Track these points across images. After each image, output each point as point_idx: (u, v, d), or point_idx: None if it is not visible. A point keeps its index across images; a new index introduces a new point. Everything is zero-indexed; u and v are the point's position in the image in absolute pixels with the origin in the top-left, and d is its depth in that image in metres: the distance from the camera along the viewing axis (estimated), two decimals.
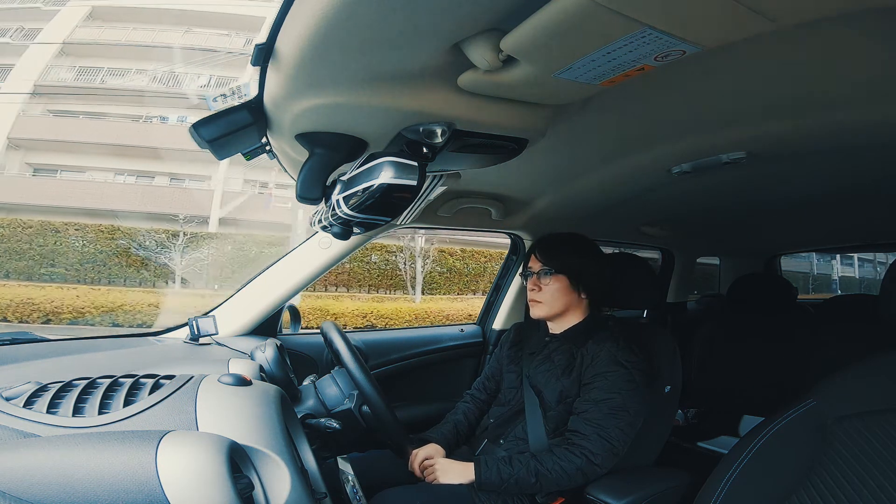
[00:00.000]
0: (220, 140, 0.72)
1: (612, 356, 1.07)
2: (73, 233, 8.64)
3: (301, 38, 0.53)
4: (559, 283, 1.17)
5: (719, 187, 1.24)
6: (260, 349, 0.97)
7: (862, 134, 0.82)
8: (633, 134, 0.92)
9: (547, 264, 1.18)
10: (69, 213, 9.44)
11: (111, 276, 8.75)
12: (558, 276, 1.17)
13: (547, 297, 1.18)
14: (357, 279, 9.12)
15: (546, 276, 1.18)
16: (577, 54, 0.54)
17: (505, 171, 1.06)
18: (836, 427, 0.74)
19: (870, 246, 2.79)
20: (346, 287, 9.07)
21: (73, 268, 8.54)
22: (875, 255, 5.60)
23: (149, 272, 8.82)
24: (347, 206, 0.77)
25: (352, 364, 0.98)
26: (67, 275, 8.45)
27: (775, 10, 0.47)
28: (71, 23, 11.80)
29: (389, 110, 0.68)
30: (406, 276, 9.20)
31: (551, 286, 1.17)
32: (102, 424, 0.53)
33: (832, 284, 8.80)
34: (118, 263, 8.68)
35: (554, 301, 1.17)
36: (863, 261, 7.82)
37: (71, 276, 8.47)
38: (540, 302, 1.18)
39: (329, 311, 7.39)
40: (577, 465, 1.00)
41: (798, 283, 8.00)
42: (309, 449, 0.74)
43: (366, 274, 9.18)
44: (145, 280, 8.84)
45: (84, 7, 11.93)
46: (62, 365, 0.86)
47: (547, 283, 1.17)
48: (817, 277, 8.79)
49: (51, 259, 8.49)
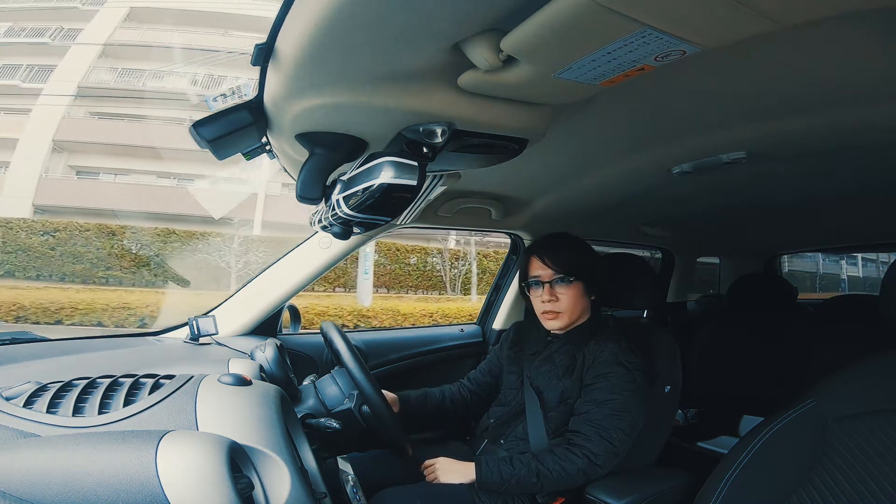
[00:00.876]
0: (221, 140, 0.72)
1: (614, 357, 1.07)
2: (129, 236, 8.59)
3: (301, 37, 0.53)
4: (577, 290, 1.10)
5: (719, 187, 1.24)
6: (260, 349, 0.97)
7: (862, 134, 0.82)
8: (633, 134, 0.92)
9: (561, 271, 1.10)
10: (115, 217, 9.40)
11: (167, 279, 8.70)
12: (575, 282, 1.10)
13: (567, 306, 1.10)
14: (399, 280, 9.16)
15: (562, 284, 1.10)
16: (578, 54, 0.54)
17: (505, 171, 1.06)
18: (835, 427, 0.74)
19: (870, 246, 2.79)
20: (387, 288, 9.10)
21: (129, 271, 8.48)
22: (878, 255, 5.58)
23: (205, 275, 8.77)
24: (347, 205, 0.77)
25: (352, 364, 0.98)
26: (124, 278, 8.39)
27: (776, 10, 0.47)
28: (110, 24, 11.68)
29: (389, 110, 0.68)
30: (446, 277, 9.31)
31: (569, 294, 1.10)
32: (102, 424, 0.53)
33: (841, 284, 8.78)
34: (175, 266, 8.64)
35: (573, 309, 1.11)
36: (866, 260, 7.81)
37: (127, 279, 8.42)
38: (559, 313, 1.10)
39: (399, 311, 7.41)
40: (578, 466, 0.99)
41: (805, 283, 8.00)
42: (309, 449, 0.74)
43: (407, 276, 9.22)
44: (201, 283, 8.77)
45: (122, 8, 11.84)
46: (62, 365, 0.86)
47: (564, 291, 1.10)
48: (824, 277, 8.76)
49: (107, 262, 8.38)
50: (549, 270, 1.11)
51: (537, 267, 1.14)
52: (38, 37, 11.50)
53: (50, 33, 11.59)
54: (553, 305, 1.11)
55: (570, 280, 1.10)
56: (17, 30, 11.60)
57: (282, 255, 1.38)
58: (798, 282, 6.89)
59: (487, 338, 1.81)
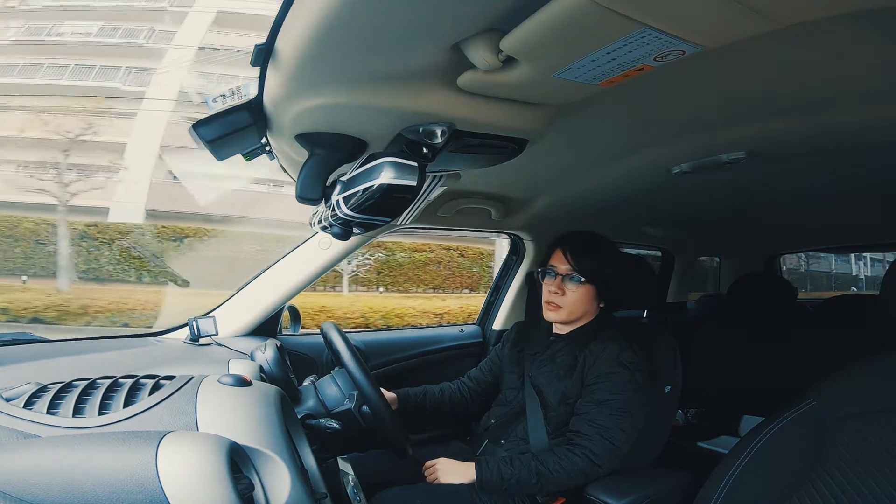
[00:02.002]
0: (220, 140, 0.72)
1: (615, 357, 1.06)
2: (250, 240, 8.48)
3: (301, 38, 0.53)
4: (585, 292, 1.10)
5: (719, 187, 1.24)
6: (260, 349, 0.97)
7: (862, 134, 0.82)
8: (633, 134, 0.92)
9: (577, 269, 1.10)
10: (224, 222, 9.20)
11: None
12: (587, 285, 1.10)
13: (568, 304, 1.11)
14: (449, 281, 9.15)
15: (573, 282, 1.10)
16: (577, 54, 0.54)
17: (505, 171, 1.05)
18: (835, 427, 0.74)
19: (870, 246, 2.79)
20: (434, 289, 9.11)
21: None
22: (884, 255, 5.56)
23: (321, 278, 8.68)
24: (347, 206, 0.77)
25: (351, 364, 0.98)
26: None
27: (775, 10, 0.47)
28: (201, 28, 11.30)
29: (389, 110, 0.68)
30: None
31: (576, 293, 1.10)
32: (102, 425, 0.53)
33: (859, 283, 8.74)
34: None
35: (574, 309, 1.11)
36: (874, 260, 7.78)
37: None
38: (559, 307, 1.11)
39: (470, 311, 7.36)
40: (578, 466, 1.00)
41: (822, 282, 7.98)
42: (309, 449, 0.74)
43: (459, 276, 9.22)
44: (316, 285, 8.65)
45: (209, 13, 11.63)
46: (62, 365, 0.86)
47: (573, 289, 1.10)
48: (838, 276, 8.72)
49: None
50: (566, 265, 1.11)
51: (558, 258, 1.14)
52: (133, 37, 11.07)
53: (144, 34, 11.18)
54: (557, 298, 1.11)
55: (581, 280, 1.10)
56: (110, 30, 11.28)
57: (282, 256, 1.38)
58: (815, 281, 6.87)
59: (487, 338, 1.81)
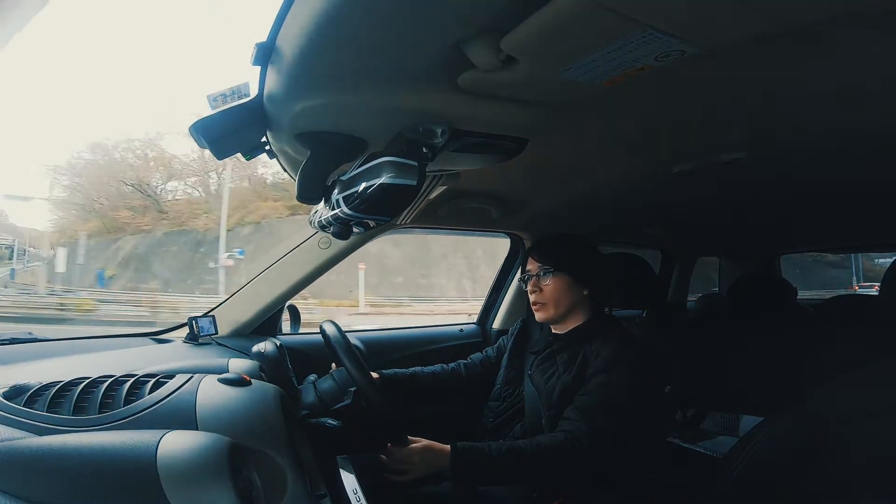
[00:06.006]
0: (220, 140, 0.72)
1: (614, 355, 1.06)
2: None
3: (301, 37, 0.53)
4: (561, 283, 1.15)
5: (719, 187, 1.24)
6: (260, 349, 0.97)
7: (862, 134, 0.82)
8: (633, 134, 0.92)
9: (545, 264, 1.16)
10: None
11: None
12: (558, 274, 1.15)
13: (549, 298, 1.15)
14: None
15: (546, 277, 1.15)
16: (578, 54, 0.54)
17: (505, 171, 1.06)
18: (836, 427, 0.74)
19: (870, 246, 2.78)
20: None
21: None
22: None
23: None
24: (347, 205, 0.77)
25: (351, 363, 0.98)
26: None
27: (775, 10, 0.47)
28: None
29: (389, 109, 0.68)
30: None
31: (552, 286, 1.15)
32: (103, 424, 0.53)
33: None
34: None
35: (557, 301, 1.15)
36: None
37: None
38: (543, 304, 1.15)
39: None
40: (556, 440, 0.97)
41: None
42: (309, 449, 0.74)
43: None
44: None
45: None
46: (62, 365, 0.86)
47: (547, 283, 1.15)
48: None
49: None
50: (536, 265, 1.17)
51: (530, 263, 1.20)
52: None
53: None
54: (537, 296, 1.16)
55: (552, 272, 1.15)
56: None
57: (281, 256, 1.38)
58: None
59: (487, 338, 1.81)
